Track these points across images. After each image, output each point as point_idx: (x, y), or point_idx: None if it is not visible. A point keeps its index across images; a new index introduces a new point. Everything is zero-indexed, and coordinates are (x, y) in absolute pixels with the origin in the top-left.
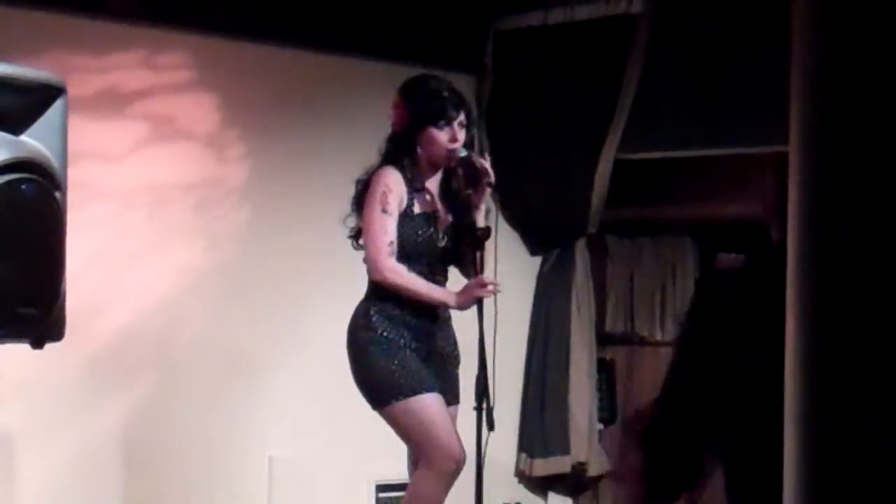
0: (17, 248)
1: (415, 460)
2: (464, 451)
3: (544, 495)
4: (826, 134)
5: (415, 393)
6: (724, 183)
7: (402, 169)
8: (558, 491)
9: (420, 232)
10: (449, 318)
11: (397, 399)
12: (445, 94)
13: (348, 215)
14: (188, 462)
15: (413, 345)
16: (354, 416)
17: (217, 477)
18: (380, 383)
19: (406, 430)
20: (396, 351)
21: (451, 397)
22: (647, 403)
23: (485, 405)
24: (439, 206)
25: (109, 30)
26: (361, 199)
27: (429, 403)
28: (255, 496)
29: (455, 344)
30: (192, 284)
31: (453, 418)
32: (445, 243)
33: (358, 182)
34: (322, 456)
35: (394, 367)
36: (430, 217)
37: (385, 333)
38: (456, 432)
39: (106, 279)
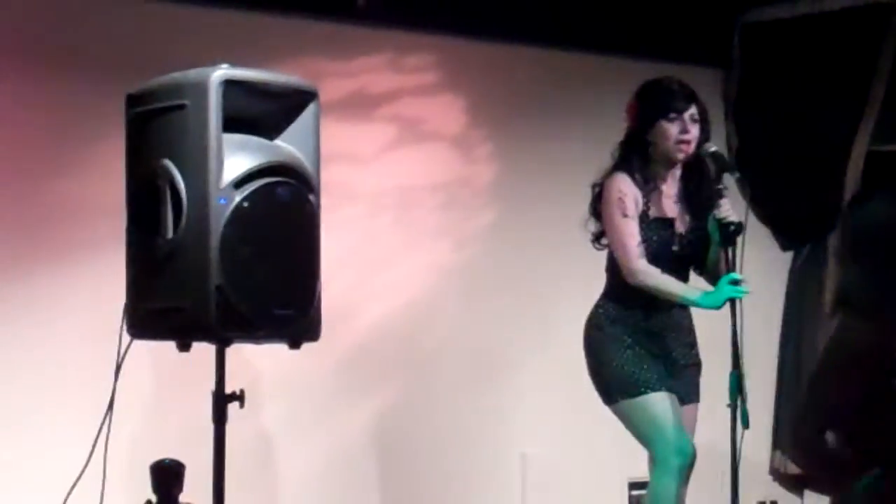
0: (274, 251)
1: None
2: (693, 448)
3: (800, 493)
4: None
5: (642, 391)
6: None
7: (631, 172)
8: (815, 488)
9: (655, 237)
10: (688, 321)
11: (625, 396)
12: (674, 87)
13: (587, 219)
14: (441, 459)
15: (643, 345)
16: (606, 413)
17: (470, 474)
18: (609, 380)
19: (635, 428)
20: (625, 350)
21: (685, 397)
22: None
23: (739, 403)
24: (676, 210)
25: (357, 34)
26: (597, 204)
27: (657, 401)
28: (508, 493)
29: (693, 346)
30: (440, 284)
31: (691, 417)
32: (680, 249)
33: (593, 186)
34: (574, 453)
35: (622, 365)
36: (665, 222)
37: (615, 332)
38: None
39: (357, 279)
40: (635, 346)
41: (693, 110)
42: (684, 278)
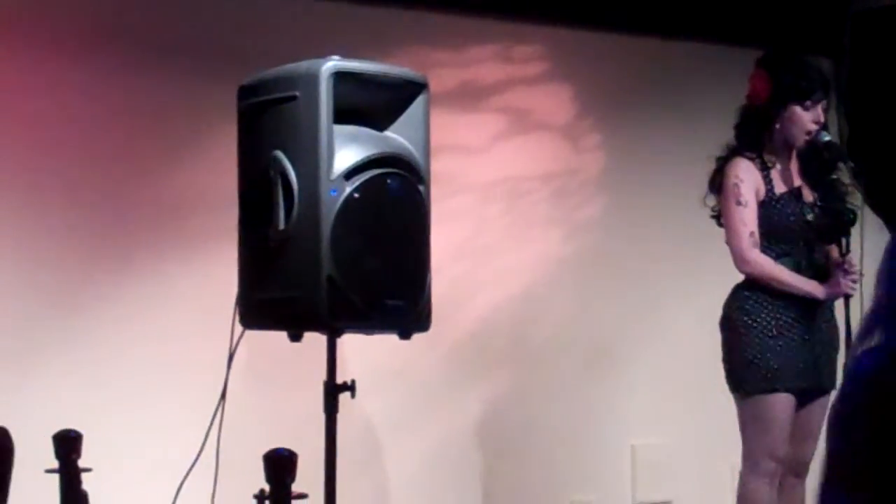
0: (384, 242)
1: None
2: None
3: None
4: None
5: (765, 391)
6: None
7: (752, 153)
8: None
9: (789, 211)
10: (830, 303)
11: (747, 391)
12: (814, 74)
13: (706, 194)
14: (550, 450)
15: (792, 330)
16: (716, 404)
17: (579, 465)
18: (737, 370)
19: (742, 421)
20: (766, 340)
21: (828, 381)
22: None
23: None
24: (800, 181)
25: (466, 24)
26: (716, 177)
27: (770, 404)
28: (618, 484)
29: (836, 328)
30: (550, 274)
31: (824, 407)
32: (815, 218)
33: (718, 159)
34: (684, 444)
35: (756, 358)
36: (793, 193)
37: (759, 319)
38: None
39: (467, 270)
40: (782, 336)
41: (825, 100)
42: (826, 253)
